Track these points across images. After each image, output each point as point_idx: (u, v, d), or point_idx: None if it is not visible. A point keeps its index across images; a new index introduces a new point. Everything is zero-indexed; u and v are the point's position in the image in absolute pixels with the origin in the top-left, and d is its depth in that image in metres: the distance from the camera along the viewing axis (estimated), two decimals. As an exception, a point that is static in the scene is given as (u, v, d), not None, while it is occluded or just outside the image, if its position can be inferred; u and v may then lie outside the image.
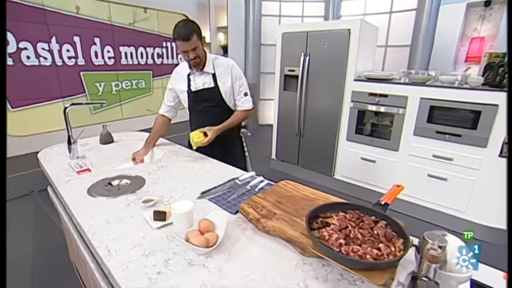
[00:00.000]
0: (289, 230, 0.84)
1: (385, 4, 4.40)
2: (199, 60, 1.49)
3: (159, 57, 4.18)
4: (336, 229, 0.78)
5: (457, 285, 0.69)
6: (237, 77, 1.61)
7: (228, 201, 1.08)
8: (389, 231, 0.77)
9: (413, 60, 4.02)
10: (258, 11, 4.90)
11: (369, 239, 0.74)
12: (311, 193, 1.08)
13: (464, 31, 3.91)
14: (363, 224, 0.80)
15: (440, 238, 0.61)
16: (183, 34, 1.38)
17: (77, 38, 3.08)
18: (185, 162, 1.50)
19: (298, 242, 0.80)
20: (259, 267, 0.75)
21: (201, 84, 1.58)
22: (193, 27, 1.40)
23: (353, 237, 0.75)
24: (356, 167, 2.88)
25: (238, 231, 0.91)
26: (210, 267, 0.74)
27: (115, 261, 0.76)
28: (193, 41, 1.40)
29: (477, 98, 2.11)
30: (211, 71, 1.56)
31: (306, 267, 0.76)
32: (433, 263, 0.54)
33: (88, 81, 3.31)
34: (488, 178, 2.17)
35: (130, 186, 1.22)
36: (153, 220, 0.93)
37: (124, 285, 0.68)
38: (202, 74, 1.57)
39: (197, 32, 1.42)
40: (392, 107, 2.52)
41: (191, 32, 1.38)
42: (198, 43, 1.43)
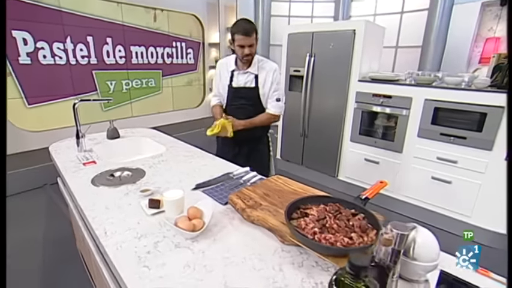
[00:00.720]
0: (271, 219, 0.90)
1: (396, 4, 4.37)
2: (251, 58, 1.63)
3: (168, 57, 4.33)
4: (313, 219, 0.84)
5: (425, 274, 0.74)
6: (275, 81, 1.69)
7: (219, 193, 1.16)
8: (364, 223, 0.83)
9: (425, 61, 3.99)
10: (268, 11, 4.97)
11: (343, 229, 0.80)
12: (299, 188, 1.14)
13: (479, 31, 3.84)
14: (341, 215, 0.86)
15: (404, 227, 0.66)
16: (247, 29, 1.50)
17: (90, 38, 3.26)
18: (185, 157, 1.59)
19: (278, 231, 0.86)
20: (240, 251, 0.82)
21: (242, 82, 1.70)
22: (254, 26, 1.55)
23: (328, 227, 0.81)
24: (360, 168, 2.90)
25: (226, 220, 0.98)
26: (194, 249, 0.82)
27: (110, 241, 0.85)
28: (253, 37, 1.54)
29: (483, 99, 2.11)
30: (255, 72, 1.67)
31: (284, 253, 0.82)
32: (385, 246, 0.59)
33: (100, 79, 3.48)
34: (494, 182, 2.15)
35: (131, 177, 1.31)
36: (148, 208, 1.02)
37: (115, 261, 0.77)
38: (246, 72, 1.67)
39: (256, 31, 1.56)
40: (396, 108, 2.53)
41: (253, 28, 1.52)
42: (255, 41, 1.56)
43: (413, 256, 0.72)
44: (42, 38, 2.88)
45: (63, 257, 1.98)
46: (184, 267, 0.75)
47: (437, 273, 0.78)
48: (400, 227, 0.66)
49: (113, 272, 0.80)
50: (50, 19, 2.92)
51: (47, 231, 2.29)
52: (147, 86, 4.15)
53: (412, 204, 2.60)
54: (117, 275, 0.75)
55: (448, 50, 3.90)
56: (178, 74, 4.50)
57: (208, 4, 4.53)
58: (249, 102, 1.71)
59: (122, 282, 0.72)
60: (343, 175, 3.08)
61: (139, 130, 2.15)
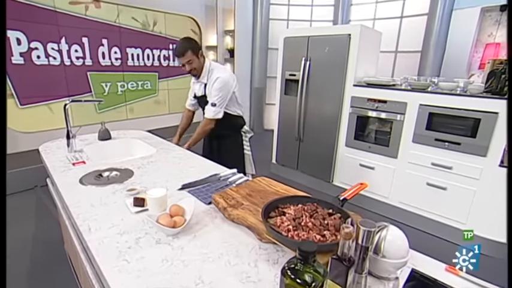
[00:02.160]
0: (250, 217, 0.96)
1: (395, 9, 4.48)
2: (196, 72, 1.89)
3: (165, 59, 4.42)
4: (290, 218, 0.90)
5: (395, 271, 0.80)
6: (215, 88, 1.87)
7: (204, 193, 1.22)
8: (339, 222, 0.88)
9: (424, 66, 4.07)
10: (266, 14, 5.09)
11: (317, 227, 0.86)
12: (282, 189, 1.20)
13: (479, 36, 3.93)
14: (317, 214, 0.92)
15: (371, 225, 0.72)
16: (178, 51, 1.79)
17: (85, 39, 3.35)
18: (174, 158, 1.65)
19: (256, 228, 0.92)
20: (218, 248, 0.88)
21: (199, 92, 2.00)
22: (188, 44, 1.80)
23: (303, 225, 0.87)
24: (355, 174, 2.95)
25: (208, 219, 1.04)
26: (174, 245, 0.88)
27: (93, 236, 0.90)
28: (187, 56, 1.78)
29: (477, 105, 2.17)
30: (204, 81, 1.92)
31: (261, 251, 0.88)
32: (345, 239, 0.65)
33: (94, 81, 3.57)
34: (488, 189, 2.20)
35: (119, 177, 1.37)
36: (133, 206, 1.08)
37: (97, 255, 0.82)
38: (199, 82, 1.96)
39: (192, 48, 1.79)
40: (391, 113, 2.60)
41: (185, 48, 1.77)
42: (192, 58, 1.80)
43: (382, 253, 0.77)
44: (37, 38, 2.97)
45: (51, 258, 2.03)
46: (162, 261, 0.80)
47: (408, 271, 0.84)
48: (368, 224, 0.72)
49: (95, 268, 0.85)
50: (45, 19, 3.01)
51: (37, 233, 2.34)
52: (142, 88, 4.24)
53: (407, 210, 2.64)
54: (98, 269, 0.80)
55: (448, 55, 3.99)
56: (175, 77, 4.59)
57: (206, 7, 4.64)
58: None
59: (102, 277, 0.78)
60: (338, 180, 3.14)
61: (131, 132, 2.22)
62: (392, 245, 0.77)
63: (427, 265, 0.86)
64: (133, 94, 4.14)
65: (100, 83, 3.66)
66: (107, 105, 3.85)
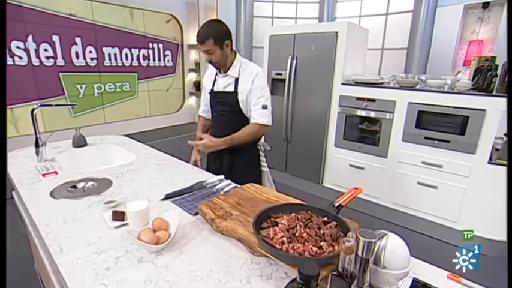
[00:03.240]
0: (240, 229, 0.91)
1: (381, 6, 4.56)
2: (218, 65, 1.57)
3: (145, 59, 4.32)
4: (283, 228, 0.86)
5: (396, 282, 0.77)
6: (257, 86, 1.57)
7: (190, 203, 1.16)
8: (335, 231, 0.85)
9: (411, 63, 4.15)
10: (250, 11, 5.06)
11: (313, 238, 0.82)
12: (273, 196, 1.16)
13: (463, 34, 4.05)
14: (312, 224, 0.88)
15: (371, 235, 0.69)
16: (198, 36, 1.49)
17: (56, 37, 3.20)
18: (156, 166, 1.58)
19: (247, 241, 0.87)
20: (207, 264, 0.83)
21: (222, 87, 1.64)
22: (211, 31, 1.47)
23: (298, 236, 0.83)
24: (345, 174, 2.96)
25: (195, 232, 0.99)
26: (158, 264, 0.82)
27: (65, 258, 0.83)
28: (207, 44, 1.47)
29: (465, 102, 2.21)
30: (235, 75, 1.60)
31: (253, 265, 0.83)
32: (347, 254, 0.61)
33: (68, 82, 3.42)
34: (478, 186, 2.25)
35: (95, 188, 1.30)
36: (112, 220, 1.01)
37: (69, 280, 0.75)
38: (226, 76, 1.62)
39: (214, 37, 1.47)
40: (380, 111, 2.62)
41: (206, 36, 1.47)
42: (213, 48, 1.48)
43: (383, 264, 0.74)
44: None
45: (20, 278, 1.90)
46: (145, 283, 0.75)
47: (410, 281, 0.82)
48: (368, 234, 0.69)
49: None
50: (8, 15, 2.84)
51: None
52: (121, 90, 4.11)
53: (398, 210, 2.67)
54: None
55: (434, 52, 4.09)
56: (156, 78, 4.49)
57: (187, 4, 4.56)
58: (229, 109, 1.64)
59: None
60: (328, 182, 3.14)
61: (108, 137, 2.12)
62: (393, 255, 0.74)
63: (428, 273, 0.85)
64: (111, 96, 4.01)
65: (74, 84, 3.51)
66: (83, 108, 3.70)
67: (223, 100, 1.65)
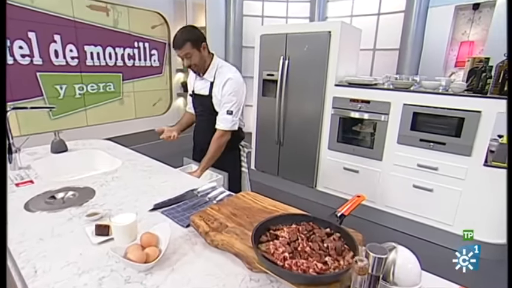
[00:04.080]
0: (237, 243, 0.86)
1: (372, 5, 4.60)
2: (196, 68, 1.65)
3: (130, 58, 4.20)
4: (284, 242, 0.81)
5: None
6: (226, 92, 1.64)
7: (181, 214, 1.10)
8: (340, 244, 0.81)
9: (403, 64, 4.20)
10: (239, 10, 5.02)
11: (317, 253, 0.78)
12: (270, 204, 1.11)
13: (454, 35, 4.13)
14: (314, 236, 0.84)
15: (381, 250, 0.65)
16: (175, 41, 1.57)
17: (32, 34, 3.06)
18: (142, 172, 1.51)
19: (245, 257, 0.82)
20: (202, 282, 0.77)
21: (198, 89, 1.76)
22: (188, 35, 1.56)
23: (301, 251, 0.79)
24: (338, 178, 2.94)
25: (187, 246, 0.93)
26: (148, 284, 0.76)
27: (39, 282, 0.75)
28: (185, 48, 1.56)
29: (460, 104, 2.23)
30: (210, 79, 1.68)
31: (252, 283, 0.78)
32: (360, 275, 0.57)
33: (46, 83, 3.28)
34: (474, 189, 2.27)
35: (77, 198, 1.22)
36: (95, 235, 0.94)
37: (46, 306, 0.68)
38: (203, 79, 1.71)
39: (191, 41, 1.55)
40: (374, 113, 2.62)
41: (183, 40, 1.55)
42: (191, 50, 1.57)
43: (393, 281, 0.71)
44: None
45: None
46: (133, 308, 0.68)
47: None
48: (378, 249, 0.65)
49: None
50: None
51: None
52: (104, 91, 3.99)
53: (393, 214, 2.67)
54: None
55: (425, 53, 4.15)
56: (141, 78, 4.38)
57: (174, 1, 4.48)
58: (206, 111, 1.75)
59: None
60: (322, 185, 3.12)
61: (91, 142, 2.03)
62: (403, 270, 0.71)
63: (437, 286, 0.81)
64: (93, 97, 3.88)
65: (53, 85, 3.37)
66: (63, 110, 3.56)
67: (201, 102, 1.77)
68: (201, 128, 1.84)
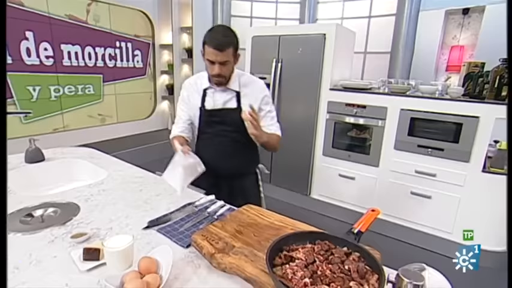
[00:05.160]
0: (248, 267, 0.80)
1: (363, 8, 4.67)
2: (223, 79, 1.41)
3: (111, 59, 4.06)
4: (301, 265, 0.75)
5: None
6: (268, 101, 1.53)
7: (180, 232, 1.03)
8: (362, 266, 0.76)
9: (394, 68, 4.27)
10: (227, 10, 4.97)
11: (338, 276, 0.73)
12: (277, 220, 1.05)
13: (444, 39, 4.25)
14: (333, 257, 0.79)
15: (417, 275, 0.61)
16: (219, 42, 1.28)
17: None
18: (132, 184, 1.42)
19: (258, 282, 0.76)
20: (211, 315, 0.70)
21: (221, 103, 1.47)
22: (233, 38, 1.33)
23: (321, 275, 0.73)
24: (334, 185, 2.93)
25: (190, 270, 0.86)
26: (148, 319, 0.68)
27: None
28: (227, 54, 1.31)
29: (458, 109, 2.26)
30: (236, 89, 1.46)
31: (268, 312, 0.72)
32: None
33: (17, 84, 3.11)
34: (473, 195, 2.29)
35: (58, 216, 1.12)
36: (83, 260, 0.85)
37: None
38: (226, 90, 1.46)
39: (235, 45, 1.34)
40: (371, 118, 2.62)
41: (229, 42, 1.30)
42: (230, 58, 1.35)
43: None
44: None
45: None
46: None
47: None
48: (412, 274, 0.61)
49: None
50: None
51: None
52: (83, 93, 3.83)
53: (392, 222, 2.67)
54: None
55: (417, 57, 4.24)
56: (124, 80, 4.24)
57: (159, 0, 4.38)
58: (229, 128, 1.47)
59: None
60: (316, 193, 3.09)
61: (72, 150, 1.91)
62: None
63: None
64: (71, 100, 3.71)
65: (25, 86, 3.20)
66: (36, 114, 3.38)
67: (223, 119, 1.48)
68: (217, 151, 1.51)
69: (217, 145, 1.50)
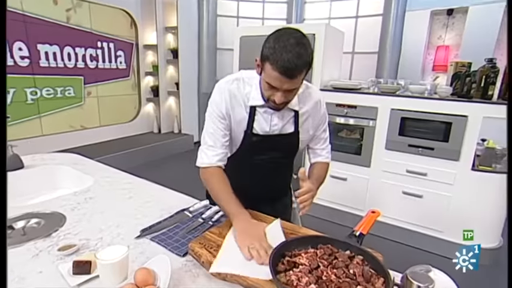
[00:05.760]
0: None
1: (351, 8, 4.75)
2: (284, 106, 1.07)
3: (92, 59, 3.98)
4: (305, 271, 0.75)
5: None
6: (325, 118, 1.25)
7: (175, 240, 1.00)
8: (367, 269, 0.76)
9: (382, 68, 4.36)
10: (213, 10, 4.95)
11: (344, 281, 0.72)
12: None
13: (430, 39, 4.37)
14: (337, 261, 0.78)
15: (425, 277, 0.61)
16: (291, 66, 0.90)
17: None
18: (121, 191, 1.38)
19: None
20: (214, 328, 0.68)
21: (278, 127, 1.13)
22: (309, 55, 0.94)
23: (326, 280, 0.73)
24: (326, 186, 2.86)
25: (189, 280, 0.83)
26: (148, 335, 0.66)
27: None
28: (298, 81, 0.95)
29: (447, 108, 2.32)
30: (295, 107, 1.13)
31: (272, 321, 0.71)
32: None
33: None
34: (463, 194, 2.35)
35: (42, 228, 1.07)
36: (73, 274, 0.81)
37: None
38: (284, 111, 1.12)
39: (310, 65, 0.96)
40: (362, 119, 2.66)
41: (303, 65, 0.92)
42: (300, 83, 1.00)
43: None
44: None
45: None
46: None
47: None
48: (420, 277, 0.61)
49: None
50: None
51: None
52: (63, 96, 3.73)
53: (384, 222, 2.70)
54: None
55: (404, 57, 4.34)
56: (106, 82, 4.15)
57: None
58: (281, 155, 1.21)
59: None
60: (310, 195, 3.10)
61: (53, 156, 1.84)
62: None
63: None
64: (50, 103, 3.60)
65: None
66: (11, 118, 3.26)
67: (277, 145, 1.18)
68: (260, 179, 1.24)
69: (261, 172, 1.23)
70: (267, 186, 1.26)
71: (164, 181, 1.61)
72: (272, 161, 1.21)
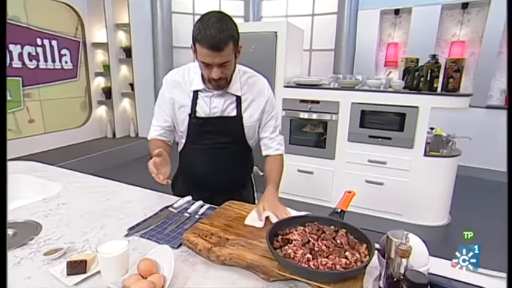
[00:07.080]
0: (248, 254, 0.87)
1: (307, 6, 5.03)
2: (225, 82, 1.19)
3: (32, 59, 3.72)
4: (298, 245, 0.86)
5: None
6: (273, 106, 1.35)
7: (166, 234, 1.05)
8: (351, 238, 0.90)
9: (339, 64, 4.68)
10: (168, 7, 4.91)
11: (334, 250, 0.85)
12: (263, 211, 1.14)
13: (381, 36, 4.80)
14: (325, 235, 0.91)
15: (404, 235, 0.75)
16: (215, 40, 1.02)
17: None
18: (95, 194, 1.38)
19: (260, 267, 0.84)
20: (221, 304, 0.76)
21: (219, 110, 1.26)
22: (231, 29, 1.07)
23: (318, 250, 0.84)
24: (293, 181, 3.11)
25: (187, 268, 0.90)
26: (160, 317, 0.72)
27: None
28: (226, 53, 1.07)
29: (401, 100, 2.62)
30: (236, 92, 1.25)
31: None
32: (404, 258, 0.66)
33: None
34: (418, 178, 2.67)
35: (18, 237, 1.05)
36: (67, 275, 0.83)
37: None
38: (225, 95, 1.25)
39: (235, 38, 1.09)
40: (325, 113, 2.87)
41: (227, 38, 1.05)
42: (231, 56, 1.11)
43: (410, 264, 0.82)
44: None
45: None
46: None
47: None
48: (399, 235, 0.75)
49: None
50: None
51: None
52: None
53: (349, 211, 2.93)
54: None
55: (358, 54, 4.71)
56: (50, 83, 3.90)
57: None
58: (227, 139, 1.30)
59: None
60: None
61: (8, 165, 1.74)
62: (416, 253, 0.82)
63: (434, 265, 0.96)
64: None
65: None
66: None
67: (220, 128, 1.29)
68: (212, 164, 1.34)
69: (212, 158, 1.33)
70: (223, 175, 1.36)
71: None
72: (222, 147, 1.32)
